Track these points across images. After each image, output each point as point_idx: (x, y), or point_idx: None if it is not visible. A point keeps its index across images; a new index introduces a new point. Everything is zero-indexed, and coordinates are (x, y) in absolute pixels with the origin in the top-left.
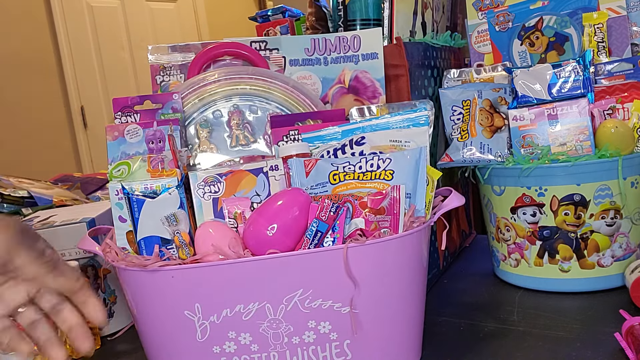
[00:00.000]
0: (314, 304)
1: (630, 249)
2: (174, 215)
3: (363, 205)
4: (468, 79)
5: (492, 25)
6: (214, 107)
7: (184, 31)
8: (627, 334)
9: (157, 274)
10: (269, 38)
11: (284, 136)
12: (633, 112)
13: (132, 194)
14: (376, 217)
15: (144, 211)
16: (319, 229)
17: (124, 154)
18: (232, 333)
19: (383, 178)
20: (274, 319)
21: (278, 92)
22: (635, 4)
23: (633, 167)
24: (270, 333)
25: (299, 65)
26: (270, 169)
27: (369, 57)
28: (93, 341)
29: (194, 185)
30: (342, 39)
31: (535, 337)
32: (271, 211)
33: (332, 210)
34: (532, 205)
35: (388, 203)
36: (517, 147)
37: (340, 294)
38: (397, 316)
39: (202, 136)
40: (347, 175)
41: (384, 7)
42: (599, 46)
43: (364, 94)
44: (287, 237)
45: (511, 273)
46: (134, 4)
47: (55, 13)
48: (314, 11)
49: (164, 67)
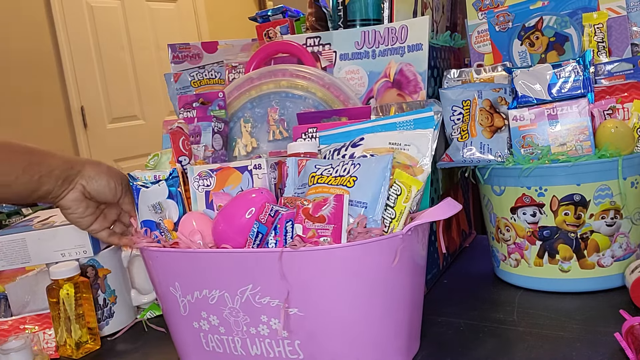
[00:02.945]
0: (264, 300)
1: (630, 249)
2: (159, 204)
3: (306, 211)
4: (468, 79)
5: (492, 25)
6: (258, 103)
7: (184, 31)
8: (627, 334)
9: (147, 252)
10: (323, 33)
11: (303, 133)
12: (633, 112)
13: (133, 183)
14: (314, 225)
15: (140, 198)
16: (259, 231)
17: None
18: (204, 313)
19: (345, 184)
20: (233, 307)
21: (315, 89)
22: (635, 4)
23: (633, 167)
24: (232, 320)
25: (349, 59)
26: (254, 168)
27: (414, 49)
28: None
29: (191, 178)
30: (391, 30)
31: (535, 337)
32: (229, 208)
33: (270, 213)
34: (532, 205)
35: (330, 211)
36: (517, 147)
37: (283, 294)
38: (350, 327)
39: (245, 130)
40: (320, 179)
41: (384, 7)
42: (599, 46)
43: (406, 88)
44: (238, 235)
45: (511, 273)
46: (134, 4)
47: (55, 13)
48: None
49: (234, 66)
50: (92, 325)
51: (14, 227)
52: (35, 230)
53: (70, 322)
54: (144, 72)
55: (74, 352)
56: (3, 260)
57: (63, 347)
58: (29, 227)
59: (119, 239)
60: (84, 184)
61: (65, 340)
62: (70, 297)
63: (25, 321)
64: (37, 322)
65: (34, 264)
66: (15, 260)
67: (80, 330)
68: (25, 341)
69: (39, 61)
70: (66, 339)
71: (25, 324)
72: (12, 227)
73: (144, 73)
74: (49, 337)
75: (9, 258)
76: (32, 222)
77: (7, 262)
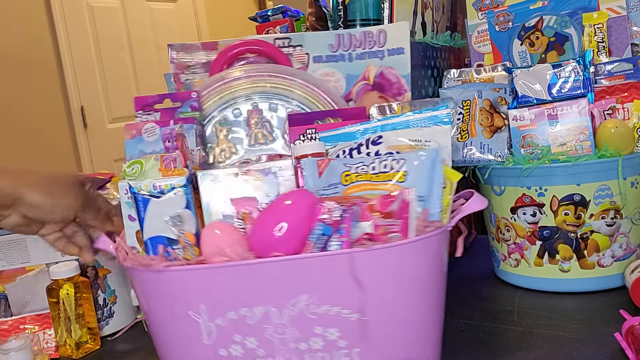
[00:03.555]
0: (320, 310)
1: (630, 249)
2: (178, 216)
3: (371, 208)
4: (468, 79)
5: (492, 25)
6: (234, 105)
7: (184, 31)
8: (627, 334)
9: (163, 274)
10: (293, 34)
11: (301, 135)
12: (633, 112)
13: (138, 193)
14: (385, 221)
15: (149, 210)
16: (323, 233)
17: (141, 152)
18: (238, 336)
19: (396, 180)
20: (280, 323)
21: (299, 90)
22: (635, 4)
23: (633, 167)
24: (277, 338)
25: (323, 61)
26: (279, 170)
27: (395, 53)
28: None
29: (203, 185)
30: (368, 34)
31: (535, 337)
32: (276, 213)
33: (337, 213)
34: (532, 205)
35: (398, 206)
36: (517, 147)
37: (347, 300)
38: (411, 323)
39: (221, 135)
40: (359, 177)
41: (384, 7)
42: (599, 46)
43: (389, 90)
44: (292, 240)
45: (511, 273)
46: (134, 4)
47: (55, 13)
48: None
49: (188, 66)
50: (92, 325)
51: None
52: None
53: (70, 322)
54: (144, 72)
55: (74, 352)
56: (3, 260)
57: (63, 347)
58: None
59: (79, 251)
60: (24, 212)
61: (65, 340)
62: (70, 297)
63: (25, 321)
64: (37, 322)
65: (34, 264)
66: (15, 260)
67: (80, 330)
68: (25, 341)
69: (39, 61)
70: (66, 339)
71: (25, 324)
72: None
73: (144, 73)
74: (49, 337)
75: (9, 258)
76: None
77: (7, 262)
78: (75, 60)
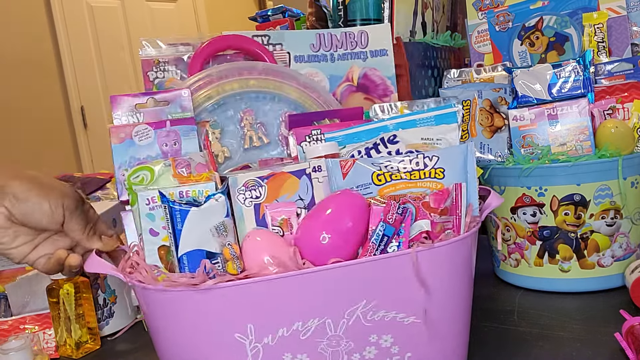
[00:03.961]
0: (377, 316)
1: (630, 249)
2: (223, 225)
3: (426, 205)
4: (468, 79)
5: (492, 25)
6: (224, 106)
7: (184, 31)
8: (627, 334)
9: (205, 293)
10: (272, 32)
11: (307, 136)
12: (633, 112)
13: (174, 203)
14: (441, 218)
15: (188, 221)
16: (385, 233)
17: (133, 158)
18: (287, 355)
19: (434, 177)
20: (334, 335)
21: (290, 90)
22: (635, 4)
23: (633, 167)
24: (329, 352)
25: (305, 61)
26: (313, 171)
27: (378, 54)
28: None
29: (234, 191)
30: (349, 35)
31: (535, 337)
32: (328, 217)
33: (399, 212)
34: (532, 205)
35: (451, 203)
36: (517, 147)
37: (404, 303)
38: (459, 320)
39: (214, 138)
40: (393, 176)
41: (384, 7)
42: (599, 46)
43: (375, 92)
44: (346, 244)
45: (511, 273)
46: (134, 4)
47: (55, 13)
48: (314, 11)
49: (158, 62)
50: (92, 325)
51: None
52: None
53: (70, 322)
54: None
55: (74, 352)
56: (3, 260)
57: (63, 347)
58: None
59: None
60: (8, 206)
61: (65, 340)
62: (70, 297)
63: (25, 321)
64: (37, 322)
65: None
66: None
67: (80, 330)
68: (25, 341)
69: (39, 61)
70: (66, 338)
71: (25, 324)
72: None
73: None
74: (49, 337)
75: None
76: None
77: (7, 262)
78: (75, 60)
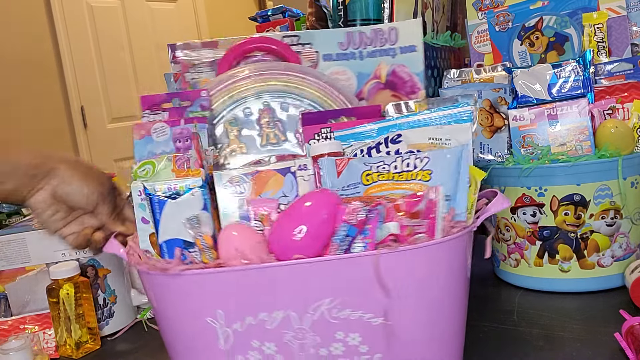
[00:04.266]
0: (342, 314)
1: (630, 249)
2: (196, 217)
3: (397, 208)
4: (468, 79)
5: (492, 25)
6: (244, 104)
7: (184, 31)
8: (627, 334)
9: (179, 278)
10: (302, 32)
11: (316, 134)
12: (633, 112)
13: (154, 195)
14: (411, 222)
15: (165, 213)
16: (348, 233)
17: (151, 153)
18: (255, 342)
19: (420, 179)
20: (300, 328)
21: (311, 89)
22: (635, 4)
23: (633, 167)
24: (296, 344)
25: (333, 60)
26: (298, 169)
27: (407, 50)
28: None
29: (220, 185)
30: (379, 32)
31: (535, 337)
32: (298, 214)
33: (362, 213)
34: (532, 205)
35: (424, 206)
36: (517, 147)
37: (370, 303)
38: (435, 327)
39: (232, 135)
40: (380, 176)
41: (384, 7)
42: (599, 46)
43: (402, 89)
44: (314, 242)
45: (511, 273)
46: (134, 4)
47: (55, 13)
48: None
49: (194, 64)
50: (92, 325)
51: (14, 227)
52: (35, 230)
53: (70, 322)
54: (144, 72)
55: (74, 352)
56: (3, 260)
57: (63, 347)
58: (29, 227)
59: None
60: (55, 184)
61: (65, 340)
62: (70, 297)
63: (25, 321)
64: (37, 322)
65: (34, 264)
66: (15, 260)
67: (80, 330)
68: (25, 341)
69: (39, 61)
70: (66, 338)
71: (25, 324)
72: (12, 227)
73: (144, 73)
74: (49, 337)
75: (9, 258)
76: (32, 222)
77: (7, 262)
78: (75, 60)
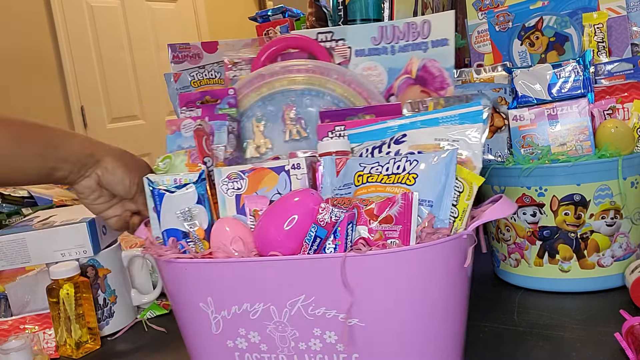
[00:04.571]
0: (318, 312)
1: (630, 249)
2: (189, 211)
3: (369, 212)
4: (468, 79)
5: (492, 25)
6: (271, 101)
7: (184, 31)
8: (627, 334)
9: (174, 265)
10: (335, 28)
11: (329, 132)
12: (633, 112)
13: (155, 187)
14: (381, 226)
15: (164, 204)
16: (317, 235)
17: (179, 147)
18: (242, 330)
19: (405, 182)
20: (279, 321)
21: (334, 86)
22: (635, 4)
23: (633, 167)
24: (277, 335)
25: (365, 55)
26: (292, 168)
27: (439, 44)
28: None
29: (218, 181)
30: (412, 25)
31: (535, 337)
32: (277, 212)
33: (331, 216)
34: (532, 205)
35: (397, 211)
36: (517, 147)
37: (342, 304)
38: (411, 333)
39: (258, 130)
40: (370, 177)
41: (384, 7)
42: (599, 46)
43: (432, 84)
44: (291, 241)
45: (511, 273)
46: (134, 4)
47: (55, 13)
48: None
49: (235, 62)
50: (92, 325)
51: (14, 227)
52: (35, 230)
53: (70, 322)
54: (144, 72)
55: (74, 352)
56: (3, 260)
57: (63, 347)
58: (29, 227)
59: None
60: (100, 174)
61: (65, 340)
62: (70, 297)
63: (25, 321)
64: (37, 322)
65: (34, 264)
66: (15, 260)
67: (80, 330)
68: (25, 341)
69: (39, 61)
70: (66, 338)
71: (25, 324)
72: (12, 227)
73: (144, 73)
74: (49, 337)
75: (9, 258)
76: (32, 222)
77: (7, 262)
78: (75, 61)
